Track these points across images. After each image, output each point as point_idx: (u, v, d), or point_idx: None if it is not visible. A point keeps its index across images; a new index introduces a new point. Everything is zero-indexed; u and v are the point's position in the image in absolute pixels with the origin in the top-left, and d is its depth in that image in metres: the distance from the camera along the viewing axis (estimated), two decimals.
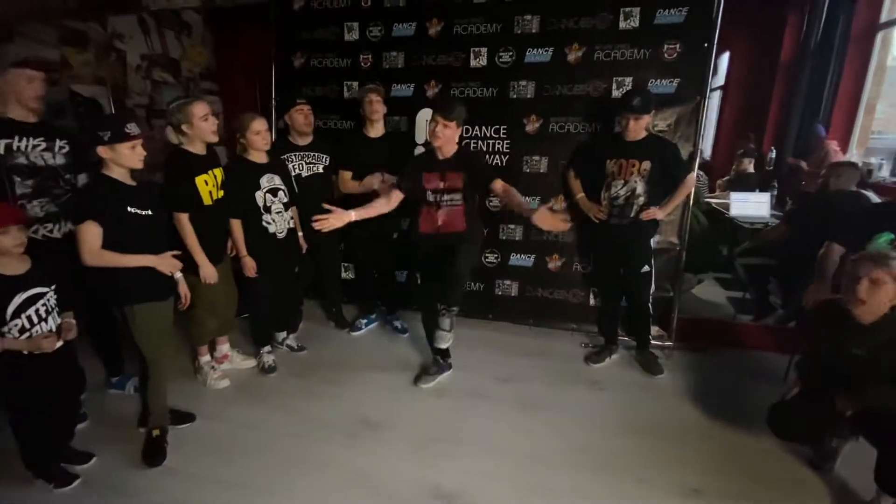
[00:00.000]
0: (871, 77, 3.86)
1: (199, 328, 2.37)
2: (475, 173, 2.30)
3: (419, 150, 3.05)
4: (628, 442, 2.06)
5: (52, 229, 2.05)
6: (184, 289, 2.03)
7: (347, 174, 2.77)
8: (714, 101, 5.37)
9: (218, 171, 2.25)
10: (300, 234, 2.62)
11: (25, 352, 1.59)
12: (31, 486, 1.76)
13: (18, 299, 1.58)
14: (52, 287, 1.69)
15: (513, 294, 3.04)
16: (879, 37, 3.76)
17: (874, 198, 2.61)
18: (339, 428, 2.14)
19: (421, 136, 3.03)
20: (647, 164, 2.36)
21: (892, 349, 1.51)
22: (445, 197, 2.29)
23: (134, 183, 1.81)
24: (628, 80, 2.64)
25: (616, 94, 2.66)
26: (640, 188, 2.39)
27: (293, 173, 2.62)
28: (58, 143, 2.06)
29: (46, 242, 2.02)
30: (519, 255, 2.98)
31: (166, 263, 1.84)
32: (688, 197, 2.58)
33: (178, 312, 2.05)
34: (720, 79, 5.37)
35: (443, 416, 2.25)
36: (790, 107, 4.50)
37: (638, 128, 2.33)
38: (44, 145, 2.02)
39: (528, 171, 2.86)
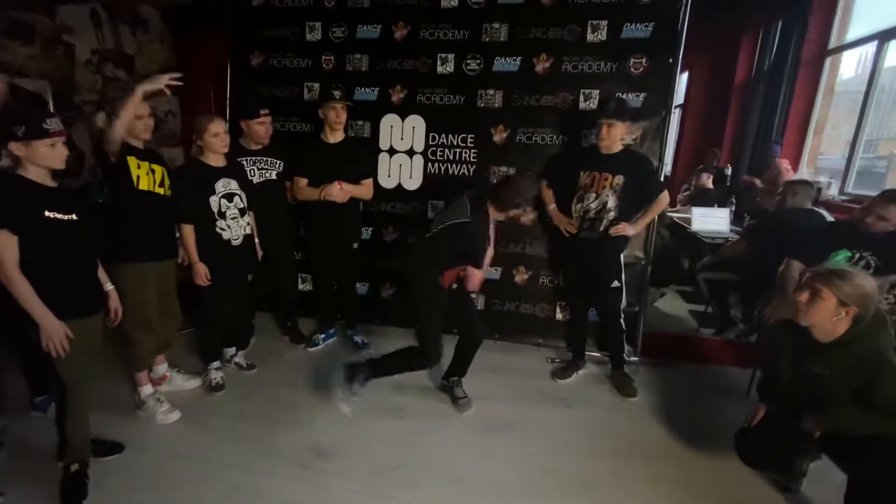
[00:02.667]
0: (821, 100, 4.06)
1: (135, 348, 2.12)
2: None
3: (383, 156, 2.93)
4: (596, 464, 1.99)
5: None
6: (114, 303, 1.81)
7: (303, 181, 2.61)
8: (674, 118, 5.53)
9: (157, 167, 2.06)
10: (256, 240, 2.45)
11: None
12: None
13: None
14: None
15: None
16: (828, 61, 3.96)
17: (828, 216, 2.69)
18: (286, 458, 1.95)
19: (385, 142, 2.91)
20: (619, 179, 2.32)
21: (855, 373, 1.50)
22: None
23: (55, 184, 1.59)
24: (595, 92, 2.62)
25: (584, 105, 2.64)
26: (611, 202, 2.35)
27: None
28: None
29: None
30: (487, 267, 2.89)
31: (55, 334, 1.56)
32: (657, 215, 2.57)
33: (109, 331, 1.83)
34: (679, 97, 5.56)
35: (401, 440, 2.11)
36: (745, 125, 4.68)
37: (612, 136, 2.28)
38: None
39: (495, 181, 2.78)
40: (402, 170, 2.93)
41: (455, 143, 2.82)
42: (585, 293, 2.59)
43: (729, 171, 4.90)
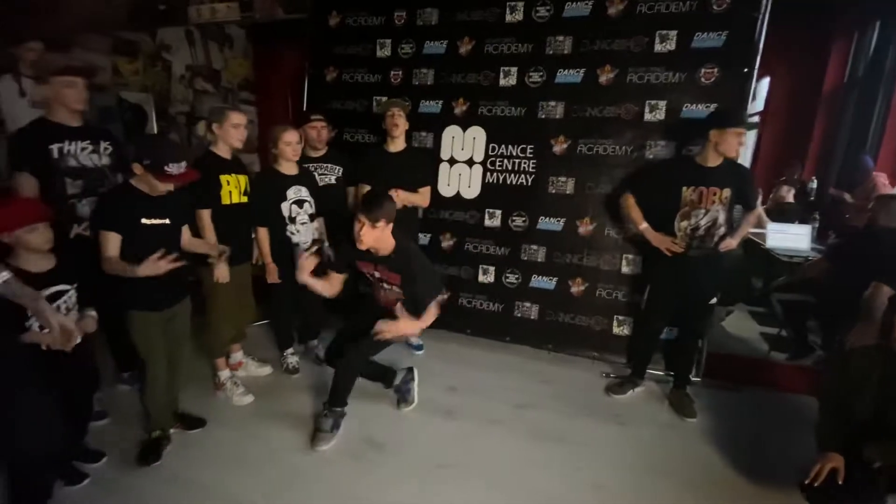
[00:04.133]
0: None
1: (216, 336, 2.38)
2: (414, 286, 2.02)
3: (443, 166, 3.04)
4: (647, 484, 1.93)
5: (86, 227, 2.10)
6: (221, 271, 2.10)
7: (366, 187, 2.77)
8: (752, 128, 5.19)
9: (242, 178, 2.31)
10: (326, 243, 2.63)
11: (44, 346, 1.61)
12: None
13: (43, 295, 1.61)
14: (75, 285, 1.73)
15: (532, 317, 2.95)
16: None
17: None
18: (343, 446, 2.09)
19: (446, 152, 3.02)
20: (727, 192, 2.21)
21: None
22: (385, 285, 2.11)
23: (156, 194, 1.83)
24: (662, 103, 2.57)
25: (649, 117, 2.59)
26: (721, 217, 2.24)
27: None
28: (102, 144, 2.15)
29: (77, 241, 2.08)
30: (541, 276, 2.90)
31: (151, 267, 1.76)
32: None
33: (195, 321, 2.08)
34: (758, 105, 5.21)
35: (450, 440, 2.17)
36: (834, 136, 4.31)
37: (731, 148, 2.16)
38: (90, 147, 2.12)
39: (553, 191, 2.80)
40: (461, 179, 3.02)
41: (514, 154, 2.86)
42: (672, 312, 2.47)
43: (814, 185, 4.53)
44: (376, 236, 1.92)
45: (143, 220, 1.78)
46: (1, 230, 1.56)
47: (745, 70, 2.41)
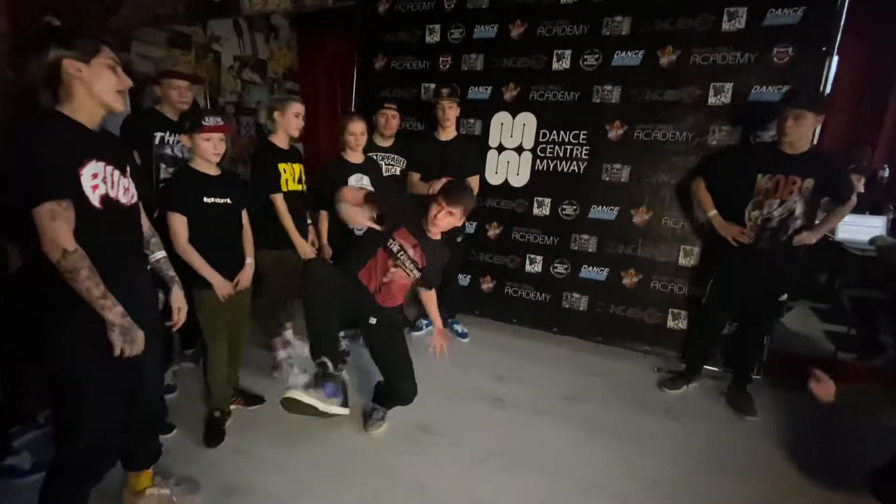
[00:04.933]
0: None
1: (273, 319, 2.49)
2: (431, 272, 2.05)
3: (491, 153, 3.00)
4: (704, 479, 1.87)
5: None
6: (245, 275, 2.04)
7: (416, 175, 2.78)
8: None
9: (297, 166, 2.37)
10: None
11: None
12: None
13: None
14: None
15: (581, 308, 2.89)
16: None
17: None
18: (396, 430, 2.12)
19: (495, 139, 2.98)
20: (810, 182, 2.04)
21: None
22: (407, 263, 1.98)
23: (217, 173, 1.90)
24: (728, 85, 2.43)
25: (713, 101, 2.45)
26: (799, 209, 2.08)
27: None
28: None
29: (159, 220, 2.19)
30: (591, 267, 2.83)
31: (224, 288, 1.91)
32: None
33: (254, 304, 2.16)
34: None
35: (500, 428, 2.17)
36: None
37: (801, 131, 2.01)
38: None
39: (606, 179, 2.71)
40: (509, 167, 2.98)
41: (566, 140, 2.79)
42: (736, 306, 2.36)
43: (885, 173, 4.19)
44: (449, 223, 1.95)
45: (206, 199, 1.84)
46: None
47: (824, 49, 2.24)
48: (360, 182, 2.47)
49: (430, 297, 2.21)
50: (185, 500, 1.64)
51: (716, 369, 2.60)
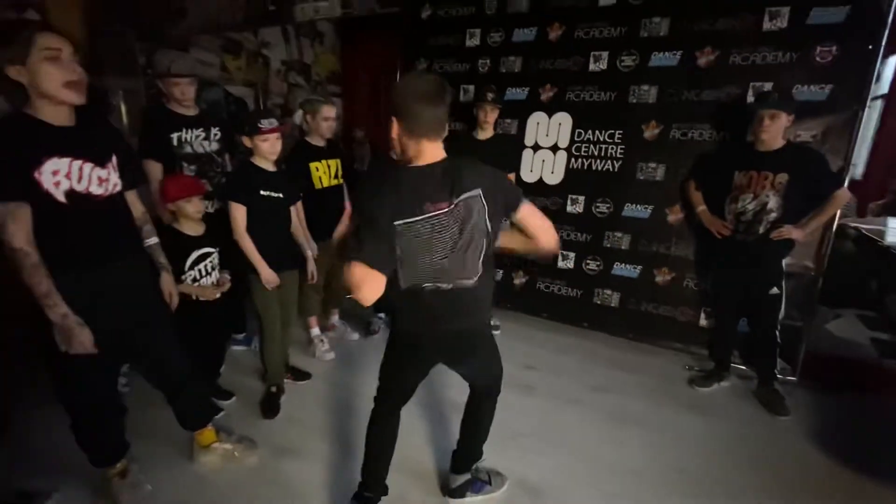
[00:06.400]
0: None
1: (309, 300, 2.70)
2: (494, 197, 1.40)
3: (526, 152, 3.10)
4: (733, 472, 1.91)
5: (207, 205, 2.40)
6: (311, 266, 2.31)
7: None
8: (873, 112, 4.65)
9: (333, 162, 2.56)
10: None
11: (194, 296, 1.94)
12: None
13: (194, 255, 1.94)
14: (217, 249, 2.05)
15: (613, 305, 2.94)
16: None
17: None
18: (424, 405, 2.26)
19: (530, 138, 3.07)
20: (783, 177, 2.15)
21: None
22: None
23: (273, 169, 2.10)
24: (768, 85, 2.42)
25: (752, 100, 2.46)
26: (772, 203, 2.18)
27: None
28: (212, 130, 2.44)
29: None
30: (623, 264, 2.88)
31: (269, 278, 2.06)
32: (832, 216, 2.30)
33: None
34: (883, 87, 4.63)
35: (531, 413, 2.27)
36: None
37: (773, 130, 2.13)
38: (203, 134, 2.40)
39: (641, 177, 2.76)
40: (544, 165, 3.07)
41: (602, 139, 2.85)
42: (736, 301, 2.43)
43: None
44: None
45: (262, 192, 2.04)
46: (167, 199, 1.89)
47: (871, 48, 2.21)
48: None
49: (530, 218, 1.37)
50: (244, 455, 1.84)
51: (746, 368, 2.59)
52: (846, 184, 2.28)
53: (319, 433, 2.07)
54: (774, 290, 2.27)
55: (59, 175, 1.30)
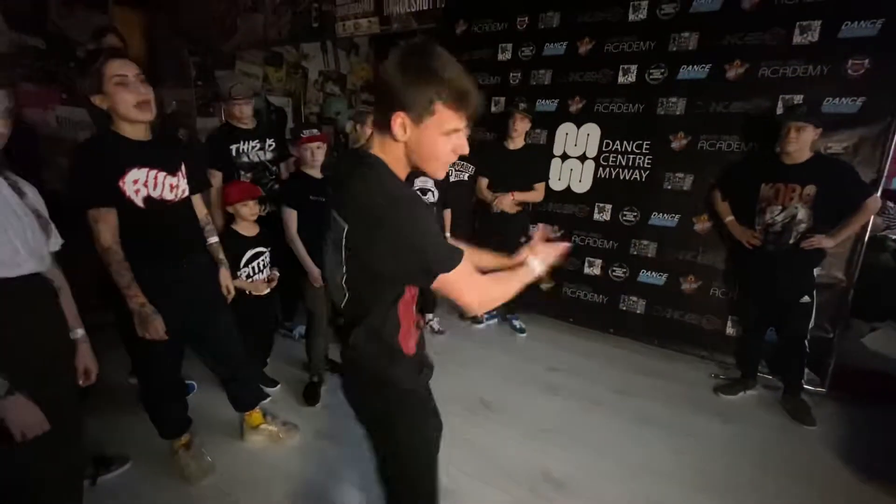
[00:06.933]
0: None
1: None
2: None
3: (555, 161, 3.20)
4: (757, 477, 1.94)
5: (261, 209, 2.66)
6: None
7: (484, 181, 3.07)
8: None
9: None
10: (447, 234, 2.97)
11: (248, 291, 2.14)
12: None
13: (249, 253, 2.14)
14: (269, 249, 2.25)
15: (638, 311, 3.00)
16: None
17: None
18: (461, 402, 2.38)
19: (559, 148, 3.18)
20: (810, 189, 2.17)
21: None
22: None
23: (319, 176, 2.28)
24: (798, 97, 2.45)
25: (782, 112, 2.49)
26: (801, 214, 2.21)
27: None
28: (267, 141, 2.71)
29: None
30: (650, 272, 2.94)
31: (317, 277, 2.22)
32: (863, 228, 2.31)
33: None
34: None
35: (554, 411, 2.36)
36: None
37: (800, 143, 2.16)
38: (259, 145, 2.69)
39: (668, 187, 2.82)
40: (572, 174, 3.16)
41: (629, 150, 2.93)
42: (764, 310, 2.45)
43: None
44: None
45: (311, 197, 2.23)
46: (227, 201, 2.11)
47: None
48: (424, 184, 2.76)
49: None
50: (287, 436, 2.02)
51: (773, 378, 2.60)
52: (881, 193, 2.28)
53: (353, 420, 2.21)
54: (806, 298, 2.29)
55: (139, 184, 1.51)
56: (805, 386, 2.46)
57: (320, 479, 1.86)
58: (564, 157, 3.18)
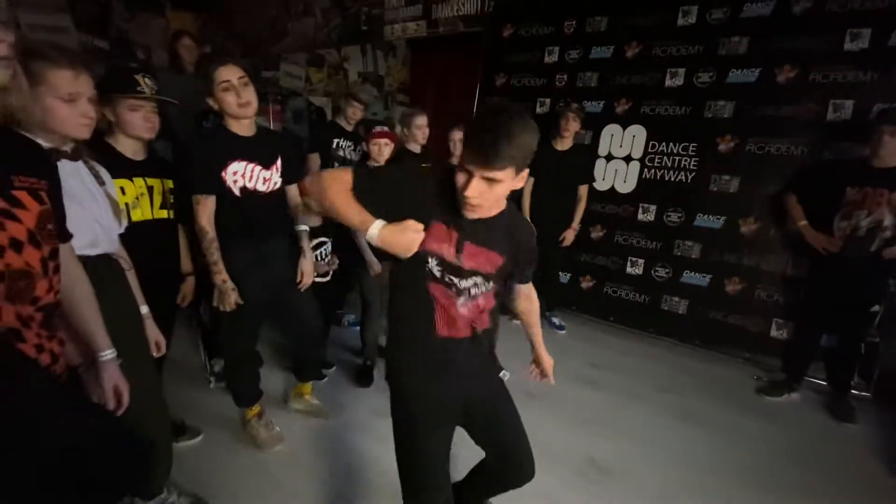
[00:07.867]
0: None
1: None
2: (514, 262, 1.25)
3: (599, 161, 3.27)
4: (798, 474, 1.97)
5: None
6: None
7: (530, 181, 3.15)
8: None
9: (427, 166, 2.86)
10: None
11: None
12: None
13: (314, 242, 2.29)
14: (331, 239, 2.39)
15: (680, 312, 3.04)
16: None
17: None
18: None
19: (604, 149, 3.25)
20: None
21: None
22: (468, 282, 1.17)
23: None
24: (848, 102, 2.48)
25: (832, 116, 2.52)
26: (888, 220, 2.18)
27: None
28: (360, 145, 2.93)
29: None
30: (693, 273, 2.98)
31: (374, 266, 2.37)
32: None
33: None
34: None
35: (597, 404, 2.42)
36: None
37: (892, 147, 2.13)
38: (352, 146, 2.96)
39: (714, 189, 2.86)
40: (616, 174, 3.23)
41: (675, 152, 2.98)
42: (829, 315, 2.43)
43: None
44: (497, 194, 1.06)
45: None
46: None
47: None
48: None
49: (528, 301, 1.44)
50: (320, 414, 2.18)
51: (821, 382, 2.61)
52: None
53: None
54: (876, 307, 2.30)
55: (237, 175, 1.70)
56: (852, 389, 2.46)
57: (379, 451, 1.98)
58: (609, 157, 3.25)
